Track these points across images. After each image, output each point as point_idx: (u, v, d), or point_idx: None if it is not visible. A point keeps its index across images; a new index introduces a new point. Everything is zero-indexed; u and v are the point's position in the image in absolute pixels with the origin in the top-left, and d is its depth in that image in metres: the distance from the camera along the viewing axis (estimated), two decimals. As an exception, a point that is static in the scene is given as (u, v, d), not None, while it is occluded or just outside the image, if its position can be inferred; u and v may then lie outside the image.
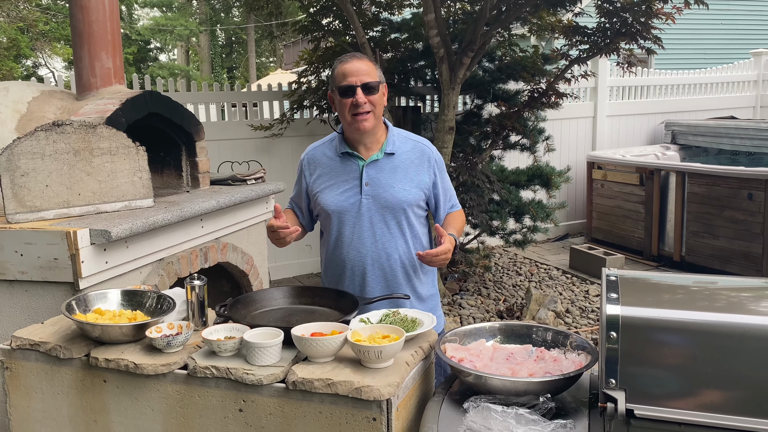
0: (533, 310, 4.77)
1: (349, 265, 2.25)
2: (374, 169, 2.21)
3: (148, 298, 2.10)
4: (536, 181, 5.69)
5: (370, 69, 2.14)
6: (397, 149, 2.23)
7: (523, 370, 1.71)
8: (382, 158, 2.21)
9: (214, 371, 1.74)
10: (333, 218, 2.24)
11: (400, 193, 2.19)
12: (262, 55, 31.17)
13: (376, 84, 2.14)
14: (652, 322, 1.40)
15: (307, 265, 6.46)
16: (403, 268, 2.25)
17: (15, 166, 2.58)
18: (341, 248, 2.25)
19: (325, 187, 2.25)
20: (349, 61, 2.14)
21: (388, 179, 2.20)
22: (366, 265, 2.23)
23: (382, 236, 2.21)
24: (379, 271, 2.23)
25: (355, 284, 2.26)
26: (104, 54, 3.17)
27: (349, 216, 2.21)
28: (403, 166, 2.22)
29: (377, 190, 2.19)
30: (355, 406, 1.61)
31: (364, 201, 2.20)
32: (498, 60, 5.86)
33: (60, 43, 21.93)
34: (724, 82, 8.50)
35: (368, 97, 2.12)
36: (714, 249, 5.77)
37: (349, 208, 2.21)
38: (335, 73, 2.17)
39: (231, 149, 5.71)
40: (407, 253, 2.24)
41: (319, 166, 2.29)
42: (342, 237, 2.24)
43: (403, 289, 2.26)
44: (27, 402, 2.00)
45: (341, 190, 2.22)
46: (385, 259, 2.22)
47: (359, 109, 2.12)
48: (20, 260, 2.51)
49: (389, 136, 2.24)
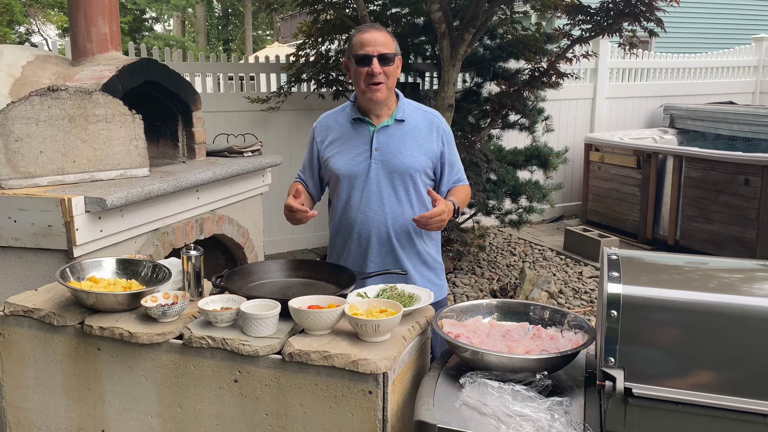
0: (527, 290, 4.78)
1: (356, 228, 2.28)
2: (384, 135, 2.25)
3: (143, 267, 2.08)
4: (534, 161, 5.67)
5: (387, 40, 2.18)
6: (407, 117, 2.27)
7: (519, 347, 1.71)
8: (392, 125, 2.26)
9: (210, 341, 1.73)
10: (343, 182, 2.27)
11: (408, 159, 2.23)
12: (258, 28, 30.82)
13: (392, 56, 2.17)
14: (653, 302, 1.39)
15: (301, 241, 6.45)
16: (409, 234, 2.28)
17: (9, 131, 2.54)
18: (349, 212, 2.28)
19: (337, 152, 2.29)
20: (367, 31, 2.18)
21: (398, 145, 2.24)
22: (372, 228, 2.26)
23: (390, 201, 2.24)
24: (385, 236, 2.26)
25: (361, 248, 2.29)
26: (101, 19, 3.10)
27: (358, 180, 2.25)
28: (412, 134, 2.26)
29: (386, 156, 2.23)
30: (352, 378, 1.61)
31: (373, 166, 2.23)
32: (499, 38, 5.80)
33: (54, 10, 21.62)
34: (725, 67, 8.45)
35: (383, 68, 2.16)
36: (708, 233, 5.79)
37: (359, 172, 2.24)
38: (353, 42, 2.20)
39: (227, 121, 5.66)
40: (410, 221, 2.26)
41: (331, 132, 2.33)
42: (351, 201, 2.27)
43: (408, 254, 2.29)
44: (20, 369, 1.98)
45: (352, 155, 2.26)
46: (391, 223, 2.26)
47: (374, 79, 2.16)
48: (13, 226, 2.48)
49: (399, 104, 2.29)
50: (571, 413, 1.48)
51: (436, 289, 2.32)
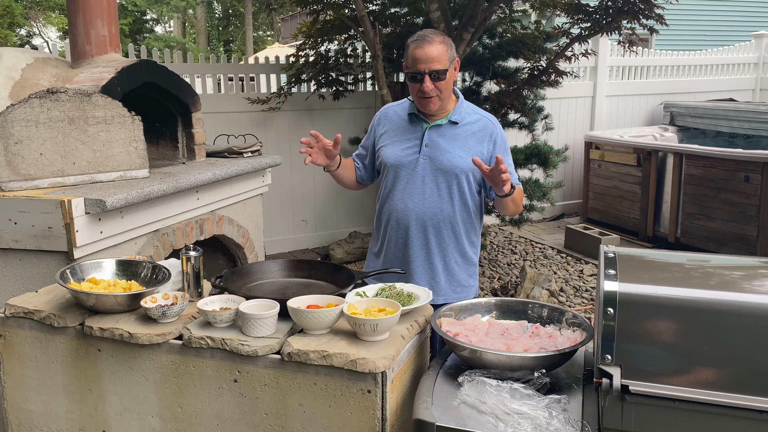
0: (527, 289, 4.79)
1: (395, 216, 2.34)
2: (436, 133, 2.30)
3: (143, 268, 2.09)
4: (534, 159, 5.66)
5: (440, 54, 2.17)
6: (462, 119, 2.31)
7: (518, 345, 1.71)
8: (445, 124, 2.30)
9: (209, 342, 1.73)
10: (390, 171, 2.35)
11: (456, 159, 2.26)
12: (259, 29, 30.84)
13: (443, 71, 2.18)
14: (650, 299, 1.40)
15: (303, 241, 6.45)
16: (444, 229, 2.31)
17: (9, 134, 2.55)
18: (392, 201, 2.35)
19: (390, 142, 2.37)
20: (420, 46, 2.18)
21: (448, 144, 2.28)
22: (410, 219, 2.31)
23: (431, 195, 2.29)
24: (421, 228, 2.32)
25: (399, 236, 2.35)
26: (99, 21, 3.11)
27: (405, 171, 2.31)
28: (463, 135, 2.30)
29: (435, 153, 2.28)
30: (350, 378, 1.61)
31: (421, 160, 2.29)
32: (498, 36, 5.79)
33: (54, 12, 21.65)
34: (724, 64, 8.44)
35: (436, 84, 2.19)
36: (709, 231, 5.78)
37: (407, 164, 2.31)
38: (408, 54, 2.23)
39: (227, 122, 5.66)
40: (451, 215, 2.31)
41: (389, 122, 2.41)
42: (395, 190, 2.34)
43: (444, 250, 2.33)
44: (21, 370, 1.99)
45: (403, 147, 2.33)
46: (429, 216, 2.30)
47: (425, 95, 2.21)
48: (14, 228, 2.49)
49: (458, 107, 2.32)
50: (569, 411, 1.49)
51: (461, 290, 2.36)
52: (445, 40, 2.23)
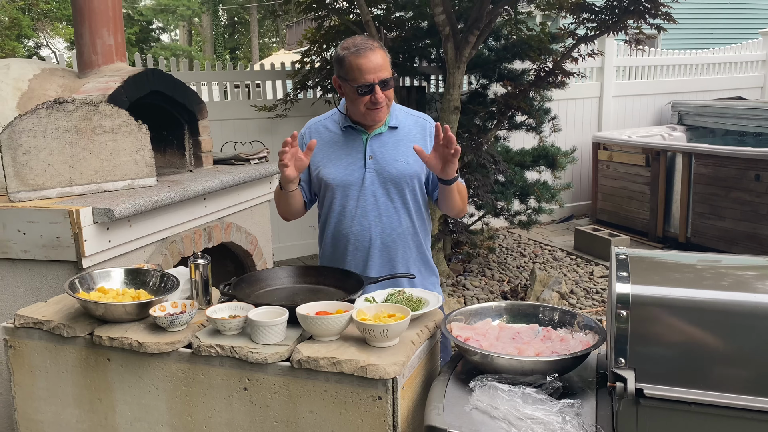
0: (537, 291, 4.76)
1: (353, 239, 2.21)
2: (378, 143, 2.18)
3: (151, 276, 2.09)
4: (542, 161, 5.65)
5: (384, 61, 2.06)
6: (400, 123, 2.22)
7: (529, 349, 1.70)
8: (385, 132, 2.20)
9: (219, 350, 1.73)
10: (337, 192, 2.19)
11: (403, 166, 2.17)
12: (264, 36, 30.96)
13: (390, 78, 2.08)
14: (663, 301, 1.38)
15: (311, 246, 6.45)
16: (407, 243, 2.24)
17: (17, 144, 2.56)
18: (344, 223, 2.21)
19: (328, 160, 2.20)
20: (363, 55, 2.03)
21: (392, 153, 2.18)
22: (371, 239, 2.20)
23: (387, 210, 2.19)
24: (382, 245, 2.21)
25: (358, 259, 2.23)
26: (105, 31, 3.12)
27: (353, 190, 2.18)
28: (405, 140, 2.19)
29: (380, 164, 2.17)
30: (361, 384, 1.60)
31: (368, 175, 2.17)
32: (504, 38, 5.78)
33: (62, 23, 21.80)
34: (732, 62, 8.39)
35: (385, 92, 2.08)
36: (720, 230, 5.74)
37: (354, 182, 2.17)
38: (347, 65, 2.05)
39: (234, 129, 5.68)
40: (410, 227, 2.23)
41: (320, 139, 2.22)
42: (345, 212, 2.20)
43: (408, 263, 2.24)
44: (31, 380, 1.99)
45: (345, 164, 2.18)
46: (388, 233, 2.20)
47: (376, 106, 2.08)
48: (23, 239, 2.49)
49: (392, 111, 2.22)
50: (582, 415, 1.47)
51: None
52: (381, 45, 2.11)
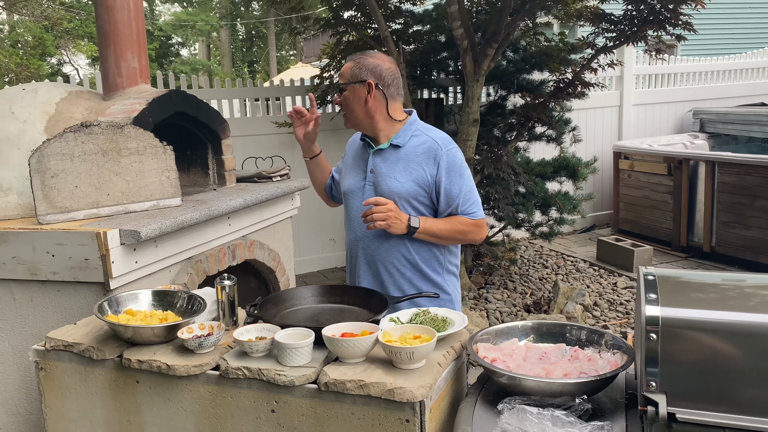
0: (561, 304, 4.72)
1: (349, 247, 2.39)
2: (380, 158, 2.28)
3: (178, 298, 2.11)
4: (562, 172, 5.62)
5: (344, 70, 2.26)
6: (406, 142, 2.25)
7: (557, 370, 1.68)
8: (387, 148, 2.27)
9: (246, 372, 1.74)
10: (345, 199, 2.39)
11: (393, 183, 2.21)
12: (282, 49, 31.23)
13: (344, 84, 2.23)
14: (693, 323, 1.36)
15: (332, 260, 6.47)
16: (395, 258, 2.26)
17: (45, 168, 2.61)
18: (347, 230, 2.40)
19: (347, 169, 2.41)
20: None
21: (389, 170, 2.24)
22: (359, 247, 2.32)
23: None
24: (370, 256, 2.30)
25: (350, 266, 2.40)
26: (130, 54, 3.18)
27: (354, 199, 2.33)
28: (405, 159, 2.23)
29: (377, 179, 2.26)
30: (388, 407, 1.60)
31: (366, 187, 2.29)
32: (522, 50, 5.78)
33: (84, 40, 22.19)
34: (754, 68, 8.30)
35: (338, 98, 2.26)
36: (745, 239, 5.66)
37: (356, 191, 2.32)
38: None
39: (254, 145, 5.73)
40: (399, 242, 2.23)
41: (351, 150, 2.45)
42: (348, 219, 2.37)
43: (398, 280, 2.27)
44: (62, 402, 2.02)
45: (353, 174, 2.35)
46: (375, 246, 2.27)
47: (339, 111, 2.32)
48: (52, 261, 2.53)
49: (402, 129, 2.26)
50: (613, 438, 1.45)
51: None
52: (357, 59, 2.23)
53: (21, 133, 2.93)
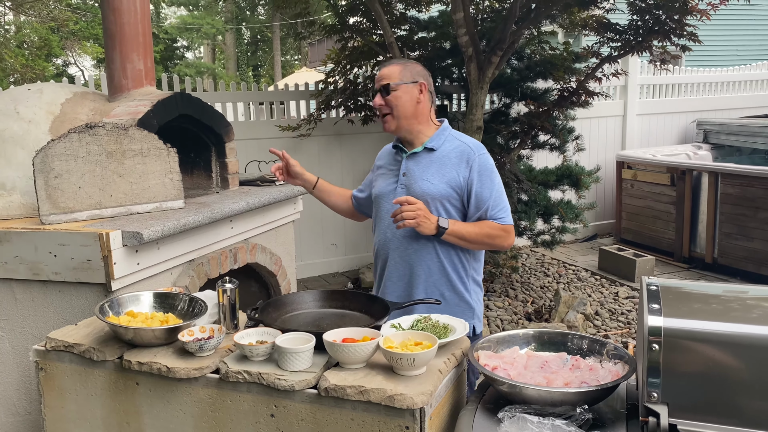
0: (562, 313, 4.71)
1: (378, 248, 2.39)
2: (413, 162, 2.31)
3: (180, 300, 2.11)
4: (565, 181, 5.62)
5: (391, 72, 2.26)
6: (439, 146, 2.30)
7: (558, 379, 1.68)
8: (421, 152, 2.31)
9: (246, 376, 1.73)
10: (375, 203, 2.42)
11: (426, 185, 2.25)
12: (287, 53, 31.29)
13: (394, 84, 2.24)
14: (696, 335, 1.36)
15: (333, 264, 6.47)
16: (424, 260, 2.28)
17: (49, 168, 2.61)
18: (376, 233, 2.41)
19: (379, 175, 2.44)
20: (380, 68, 2.33)
21: (422, 172, 2.28)
22: (389, 249, 2.33)
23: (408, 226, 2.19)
24: (400, 258, 2.31)
25: (378, 269, 2.40)
26: (135, 55, 3.19)
27: (384, 202, 2.35)
28: (438, 162, 2.27)
29: (410, 181, 2.29)
30: (388, 414, 1.59)
31: (398, 190, 2.31)
32: (527, 58, 5.79)
33: (89, 42, 22.26)
34: (759, 80, 8.30)
35: (385, 98, 2.25)
36: (748, 251, 5.64)
37: (387, 194, 2.34)
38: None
39: (258, 149, 5.73)
40: (428, 244, 2.25)
41: (383, 159, 2.48)
42: (378, 222, 2.40)
43: (425, 283, 2.28)
44: (61, 403, 2.02)
45: (385, 179, 2.39)
46: (404, 248, 2.29)
47: (379, 112, 2.29)
48: (54, 261, 2.54)
49: (437, 133, 2.32)
50: (613, 449, 1.45)
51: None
52: (403, 63, 2.30)
53: (26, 133, 2.94)
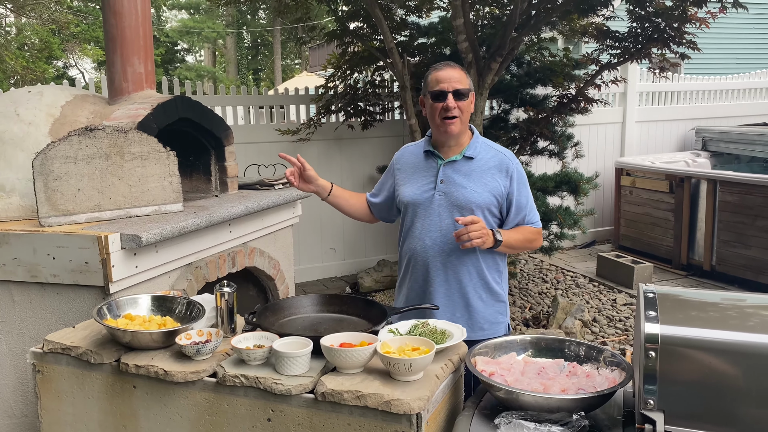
0: (560, 319, 4.71)
1: (415, 255, 2.37)
2: (451, 169, 2.33)
3: (177, 304, 2.11)
4: (564, 187, 5.61)
5: (461, 77, 2.29)
6: (478, 154, 2.34)
7: (555, 385, 1.68)
8: (460, 160, 2.33)
9: (243, 380, 1.73)
10: (408, 209, 2.39)
11: (471, 194, 2.29)
12: (287, 57, 31.34)
13: (466, 91, 2.28)
14: (692, 342, 1.36)
15: (331, 269, 6.47)
16: (464, 265, 2.33)
17: (48, 170, 2.62)
18: (411, 239, 2.38)
19: (407, 180, 2.42)
20: (442, 69, 2.30)
21: (462, 180, 2.31)
22: (429, 256, 2.33)
23: (448, 231, 2.29)
24: (441, 265, 2.33)
25: (419, 274, 2.37)
26: (136, 59, 3.19)
27: (421, 209, 2.35)
28: (479, 171, 2.32)
29: (450, 188, 2.31)
30: (385, 419, 1.60)
31: (436, 196, 2.32)
32: (526, 64, 5.80)
33: (90, 44, 22.28)
34: (758, 88, 8.32)
35: (458, 103, 2.27)
36: (746, 259, 5.65)
37: (423, 201, 2.34)
38: (429, 79, 2.32)
39: (258, 152, 5.74)
40: (470, 250, 2.29)
41: (405, 162, 2.47)
42: (413, 228, 2.37)
43: (467, 286, 2.33)
44: (58, 405, 2.02)
45: (419, 184, 2.37)
46: (448, 253, 2.32)
47: (448, 113, 2.26)
48: (52, 263, 2.54)
49: (472, 142, 2.37)
50: (609, 456, 1.45)
51: (490, 328, 2.37)
52: (463, 69, 2.33)
53: (25, 135, 2.95)
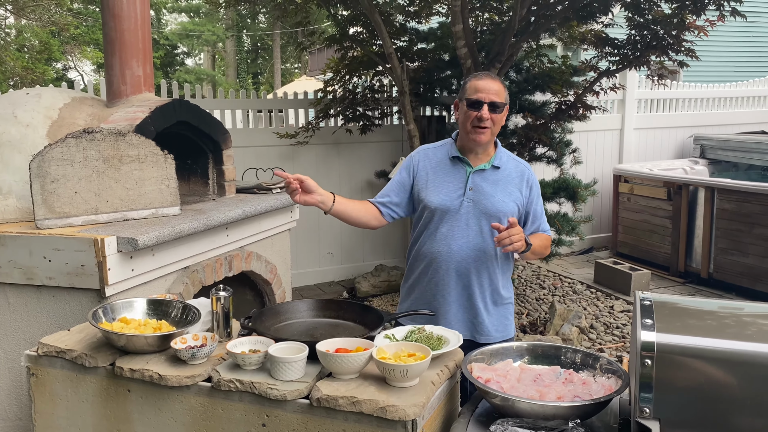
0: (557, 325, 4.71)
1: (439, 258, 2.38)
2: (480, 177, 2.37)
3: (173, 308, 2.10)
4: (562, 193, 5.61)
5: (499, 90, 2.32)
6: (503, 164, 2.41)
7: (551, 392, 1.67)
8: (488, 169, 2.38)
9: (238, 385, 1.73)
10: (435, 214, 2.38)
11: (499, 203, 2.35)
12: (287, 61, 31.37)
13: (501, 105, 2.32)
14: (689, 350, 1.36)
15: (328, 273, 6.46)
16: (484, 272, 2.38)
17: (45, 173, 2.61)
18: (434, 243, 2.39)
19: (432, 184, 2.41)
20: (482, 79, 2.33)
21: (491, 189, 2.36)
22: (451, 262, 2.36)
23: (475, 238, 2.35)
24: (464, 270, 2.36)
25: (437, 278, 2.39)
26: (135, 62, 3.19)
27: (449, 215, 2.36)
28: (504, 181, 2.39)
29: (479, 196, 2.35)
30: (380, 425, 1.59)
31: (465, 203, 2.35)
32: (525, 71, 5.81)
33: (90, 46, 22.29)
34: (756, 96, 8.34)
35: (492, 115, 2.30)
36: (743, 267, 5.65)
37: (451, 207, 2.36)
38: (468, 86, 2.34)
39: (256, 156, 5.74)
40: (492, 257, 2.37)
41: (429, 163, 2.45)
42: (437, 233, 2.39)
43: (483, 290, 2.38)
44: (52, 409, 2.00)
45: (446, 190, 2.38)
46: (472, 259, 2.35)
47: (481, 123, 2.29)
48: (48, 266, 2.53)
49: (498, 152, 2.42)
50: (605, 464, 1.44)
51: (503, 329, 2.44)
52: (502, 82, 2.37)
53: (23, 137, 2.94)
